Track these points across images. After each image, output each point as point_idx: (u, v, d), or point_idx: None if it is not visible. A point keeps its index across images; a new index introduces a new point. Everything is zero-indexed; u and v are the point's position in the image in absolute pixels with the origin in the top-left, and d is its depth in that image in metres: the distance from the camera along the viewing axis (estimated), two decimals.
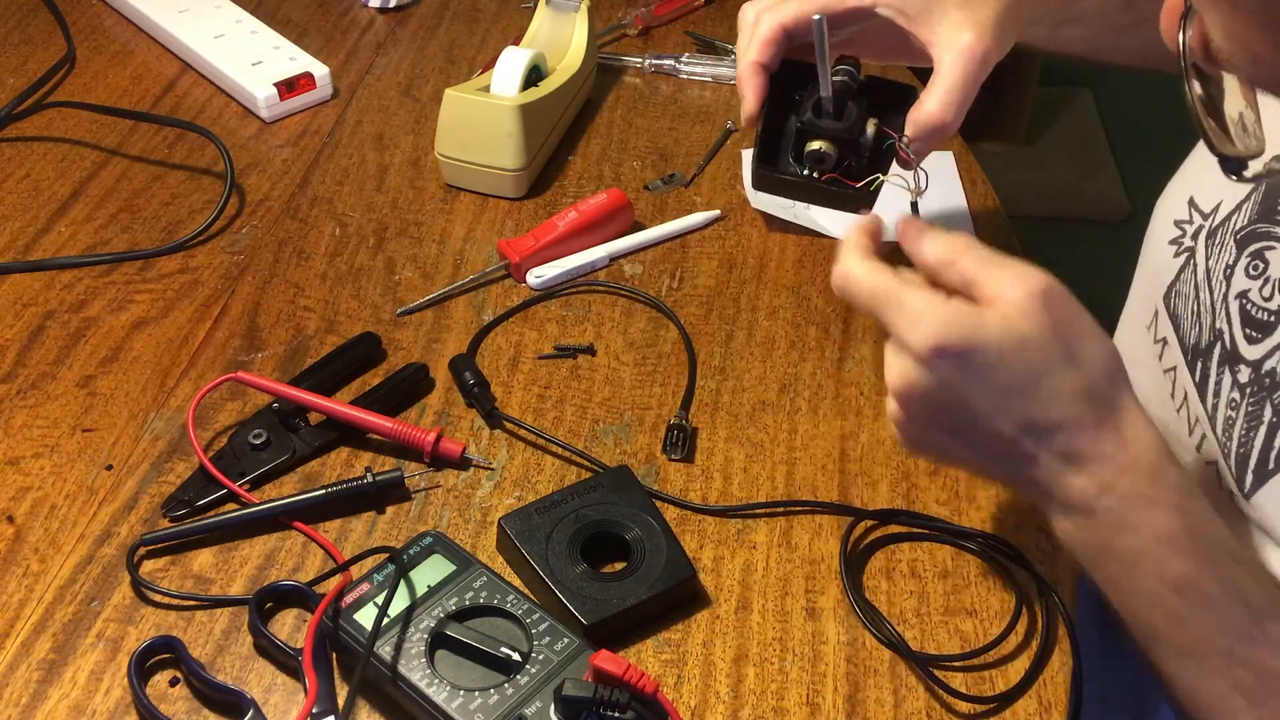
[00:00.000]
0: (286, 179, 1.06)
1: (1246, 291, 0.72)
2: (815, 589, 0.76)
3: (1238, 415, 0.70)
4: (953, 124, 0.80)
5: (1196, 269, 0.77)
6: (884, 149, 0.82)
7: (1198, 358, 0.75)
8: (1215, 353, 0.73)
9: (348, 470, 0.82)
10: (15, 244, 0.98)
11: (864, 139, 0.82)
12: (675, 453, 0.83)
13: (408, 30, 1.25)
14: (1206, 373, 0.74)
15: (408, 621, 0.69)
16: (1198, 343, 0.76)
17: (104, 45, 1.21)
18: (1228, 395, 0.72)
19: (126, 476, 0.80)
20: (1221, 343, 0.73)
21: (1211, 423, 0.73)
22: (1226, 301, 0.73)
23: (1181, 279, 0.79)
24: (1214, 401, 0.73)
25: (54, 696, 0.69)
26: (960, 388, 0.63)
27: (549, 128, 1.06)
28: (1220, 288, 0.74)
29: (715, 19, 1.28)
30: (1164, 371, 0.80)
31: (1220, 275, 0.75)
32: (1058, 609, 0.74)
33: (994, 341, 0.62)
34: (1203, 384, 0.74)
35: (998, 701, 0.70)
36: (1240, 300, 0.72)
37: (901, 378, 0.64)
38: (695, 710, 0.69)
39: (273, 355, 0.89)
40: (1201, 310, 0.76)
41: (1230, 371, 0.72)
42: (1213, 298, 0.75)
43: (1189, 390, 0.76)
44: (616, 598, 0.72)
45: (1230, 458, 0.71)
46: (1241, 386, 0.71)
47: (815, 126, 0.82)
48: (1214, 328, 0.74)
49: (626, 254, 0.99)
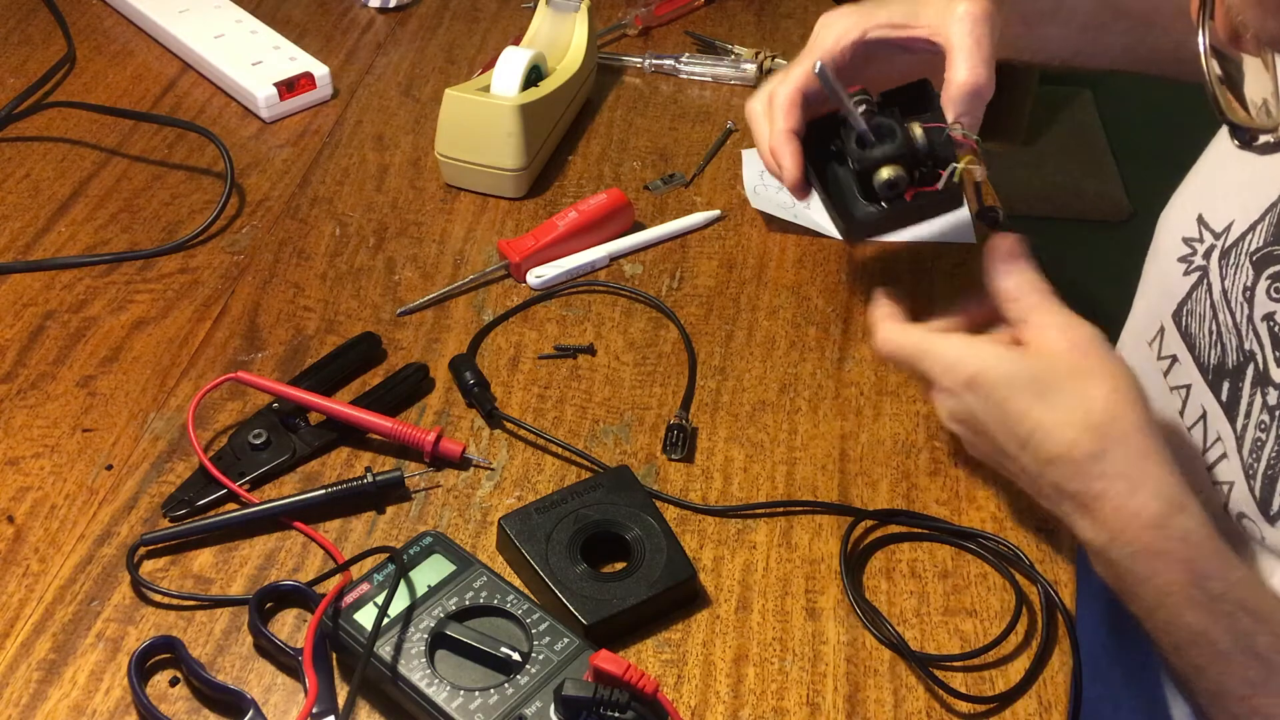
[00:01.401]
0: (286, 179, 1.06)
1: (1273, 313, 0.72)
2: (815, 589, 0.76)
3: (1268, 437, 0.71)
4: (987, 84, 0.80)
5: (1211, 289, 0.77)
6: (941, 142, 0.81)
7: (1222, 378, 0.75)
8: (1248, 374, 0.73)
9: (348, 470, 0.82)
10: (15, 244, 0.98)
11: (920, 144, 0.81)
12: (675, 452, 0.83)
13: (408, 30, 1.25)
14: (1237, 393, 0.74)
15: (408, 621, 0.69)
16: (1221, 363, 0.76)
17: (104, 45, 1.21)
18: (1258, 417, 0.72)
19: (126, 476, 0.80)
20: (1255, 364, 0.73)
21: (1239, 443, 0.73)
22: (1254, 324, 0.73)
23: (1194, 298, 0.79)
24: (1244, 423, 0.73)
25: (54, 696, 0.69)
26: (990, 418, 0.70)
27: (549, 128, 1.06)
28: (1242, 310, 0.74)
29: (715, 19, 1.28)
30: (1172, 389, 0.80)
31: (1240, 297, 0.75)
32: (1058, 609, 0.74)
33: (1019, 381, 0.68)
34: (1231, 404, 0.74)
35: (998, 701, 0.70)
36: (1268, 323, 0.72)
37: (947, 411, 0.73)
38: (695, 710, 0.70)
39: (273, 355, 0.89)
40: (1223, 331, 0.76)
41: (1261, 393, 0.72)
42: (1235, 319, 0.75)
43: (1209, 409, 0.76)
44: (616, 598, 0.72)
45: (1257, 478, 0.71)
46: (1271, 409, 0.71)
47: (871, 159, 0.81)
48: (1243, 349, 0.74)
49: (626, 254, 0.99)
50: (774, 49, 1.21)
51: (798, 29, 1.27)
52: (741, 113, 1.15)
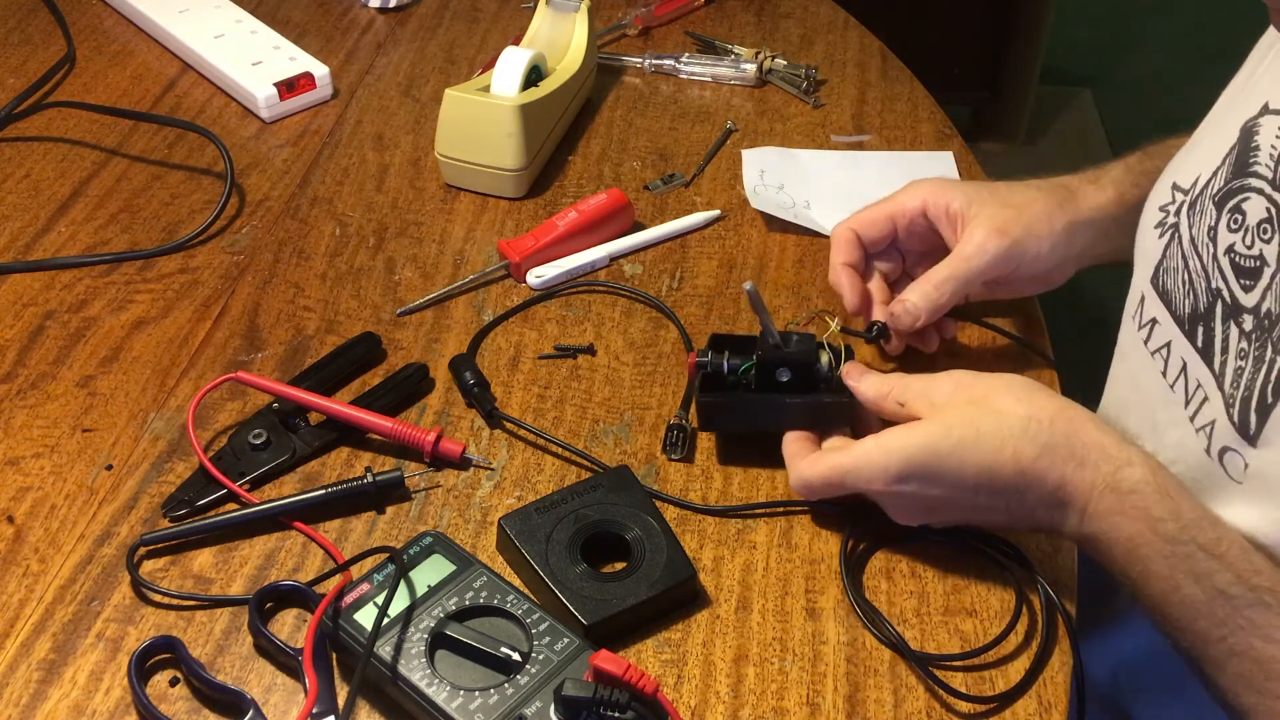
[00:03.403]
0: (286, 179, 1.06)
1: (1232, 245, 0.74)
2: (815, 589, 0.76)
3: (1246, 363, 0.72)
4: (945, 305, 0.87)
5: (1181, 240, 0.79)
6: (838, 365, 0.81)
7: (1196, 323, 0.77)
8: (1218, 311, 0.75)
9: (348, 470, 0.82)
10: (15, 244, 0.98)
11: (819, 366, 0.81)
12: (675, 452, 0.83)
13: (408, 30, 1.25)
14: (1211, 334, 0.76)
15: (408, 621, 0.69)
16: (1194, 310, 0.77)
17: (104, 45, 1.21)
18: (1236, 347, 0.73)
19: (126, 476, 0.80)
20: (1222, 300, 0.75)
21: (1219, 380, 0.74)
22: (1217, 260, 0.75)
23: (1168, 254, 0.80)
24: (1222, 359, 0.74)
25: (54, 696, 0.69)
26: (936, 491, 0.72)
27: (549, 128, 1.06)
28: (1207, 250, 0.76)
29: (715, 19, 1.28)
30: (1153, 353, 0.81)
31: (1205, 239, 0.77)
32: (1058, 609, 0.74)
33: (940, 447, 0.71)
34: (1207, 346, 0.76)
35: (998, 702, 0.70)
36: (1229, 255, 0.74)
37: (895, 508, 0.75)
38: (695, 710, 0.70)
39: (273, 355, 0.89)
40: (1194, 277, 0.77)
41: (1235, 324, 0.74)
42: (1202, 262, 0.77)
43: (1188, 359, 0.78)
44: (616, 598, 0.72)
45: (1235, 405, 0.73)
46: (1247, 334, 0.73)
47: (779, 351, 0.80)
48: (1211, 289, 0.76)
49: (626, 254, 0.99)
50: (774, 49, 1.22)
51: (797, 29, 1.27)
52: (741, 112, 1.15)
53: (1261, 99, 0.75)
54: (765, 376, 0.80)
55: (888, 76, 1.21)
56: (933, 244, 0.90)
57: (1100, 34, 2.81)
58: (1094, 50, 2.77)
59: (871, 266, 0.91)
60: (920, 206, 0.89)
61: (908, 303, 0.86)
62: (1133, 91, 2.61)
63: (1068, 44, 2.57)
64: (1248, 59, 0.81)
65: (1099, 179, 0.90)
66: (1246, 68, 0.81)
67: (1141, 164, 0.91)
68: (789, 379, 0.80)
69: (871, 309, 0.89)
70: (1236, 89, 0.81)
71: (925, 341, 0.90)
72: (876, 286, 0.91)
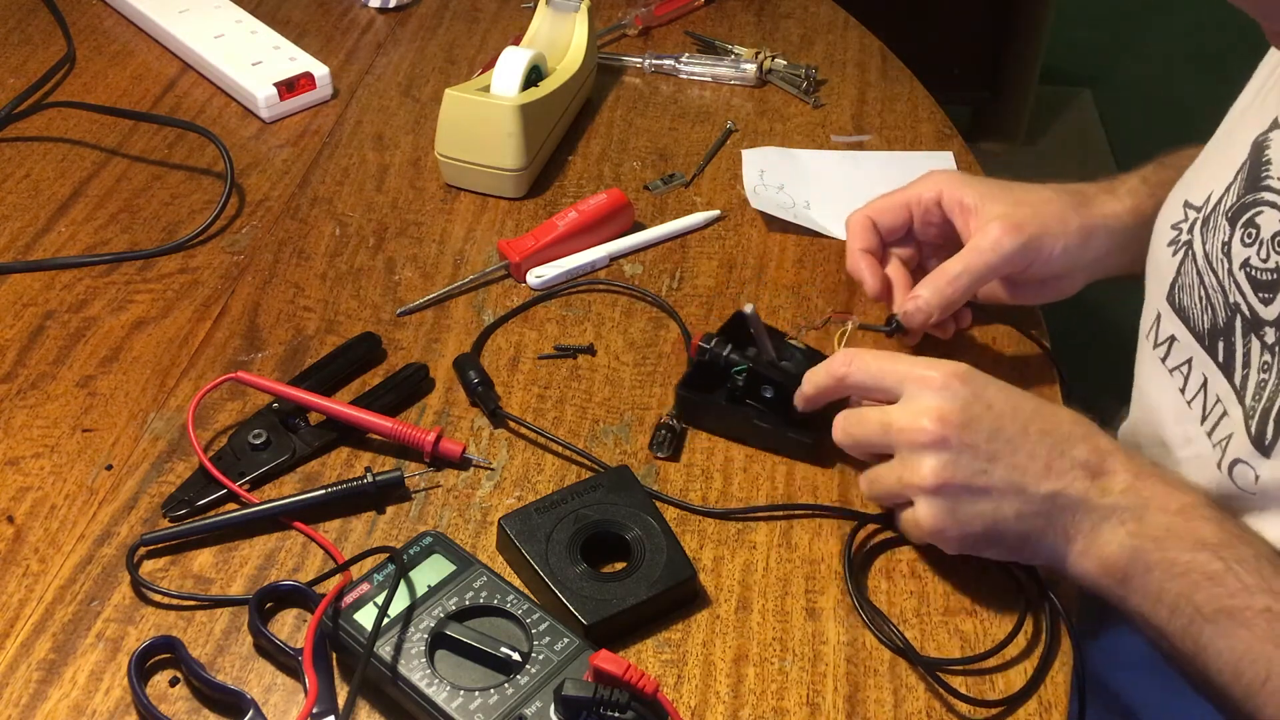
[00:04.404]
0: (286, 179, 1.06)
1: (1247, 259, 0.74)
2: (815, 589, 0.76)
3: (1270, 375, 0.73)
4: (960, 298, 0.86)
5: (1195, 258, 0.79)
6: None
7: (1217, 338, 0.77)
8: (1237, 325, 0.75)
9: (348, 470, 0.82)
10: (15, 244, 0.98)
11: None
12: (661, 451, 0.83)
13: (408, 30, 1.25)
14: (1231, 348, 0.76)
15: (408, 621, 0.69)
16: (1214, 325, 0.77)
17: (104, 45, 1.21)
18: (1259, 360, 0.74)
19: (126, 476, 0.80)
20: (1241, 314, 0.75)
21: (1240, 394, 0.74)
22: (1233, 275, 0.76)
23: (1182, 271, 0.80)
24: (1244, 373, 0.75)
25: (54, 696, 0.69)
26: (989, 404, 0.70)
27: (549, 128, 1.06)
28: (1223, 265, 0.76)
29: (715, 19, 1.28)
30: (1171, 371, 0.81)
31: (1219, 254, 0.77)
32: (1058, 611, 0.74)
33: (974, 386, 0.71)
34: (1228, 361, 0.76)
35: (998, 703, 0.70)
36: (1245, 270, 0.75)
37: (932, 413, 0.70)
38: (695, 710, 0.69)
39: (273, 355, 0.89)
40: (1210, 293, 0.78)
41: (1256, 337, 0.74)
42: (1218, 277, 0.77)
43: (1209, 375, 0.78)
44: (616, 598, 0.72)
45: (1255, 417, 0.73)
46: (1269, 347, 0.73)
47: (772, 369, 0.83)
48: (1229, 304, 0.76)
49: (626, 254, 0.99)
50: (774, 49, 1.22)
51: (797, 29, 1.27)
52: (741, 112, 1.15)
53: (1271, 114, 0.75)
54: (751, 387, 0.83)
55: (888, 76, 1.21)
56: (947, 236, 0.89)
57: (1100, 34, 2.81)
58: (1094, 50, 2.77)
59: (889, 253, 0.91)
60: (935, 196, 0.88)
61: (920, 299, 0.85)
62: (1133, 91, 2.61)
63: (1068, 44, 2.57)
64: (1254, 75, 0.81)
65: (1115, 189, 0.89)
66: (1254, 84, 0.81)
67: (1157, 174, 0.90)
68: (772, 396, 0.82)
69: (892, 295, 0.89)
70: (1245, 105, 0.81)
71: (941, 329, 0.89)
72: (896, 271, 0.90)
